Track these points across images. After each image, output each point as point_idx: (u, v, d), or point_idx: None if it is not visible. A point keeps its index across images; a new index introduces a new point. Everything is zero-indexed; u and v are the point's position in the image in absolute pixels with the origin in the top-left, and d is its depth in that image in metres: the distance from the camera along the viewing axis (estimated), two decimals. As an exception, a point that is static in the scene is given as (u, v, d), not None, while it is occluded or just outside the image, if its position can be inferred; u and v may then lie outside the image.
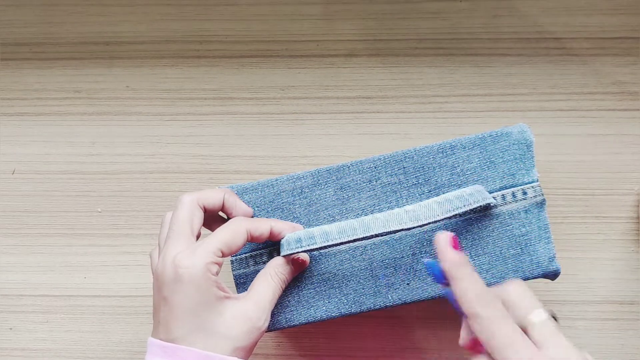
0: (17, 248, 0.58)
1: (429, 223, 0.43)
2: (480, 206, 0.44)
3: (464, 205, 0.44)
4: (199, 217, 0.44)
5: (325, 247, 0.43)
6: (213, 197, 0.44)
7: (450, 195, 0.45)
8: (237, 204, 0.46)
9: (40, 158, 0.58)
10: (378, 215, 0.44)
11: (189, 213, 0.43)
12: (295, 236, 0.44)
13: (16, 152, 0.58)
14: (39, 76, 0.59)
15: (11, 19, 0.59)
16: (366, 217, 0.44)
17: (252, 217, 0.47)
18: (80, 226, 0.57)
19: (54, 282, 0.57)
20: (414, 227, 0.43)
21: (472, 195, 0.44)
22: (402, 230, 0.43)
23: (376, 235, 0.43)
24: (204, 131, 0.57)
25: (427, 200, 0.44)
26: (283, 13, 0.57)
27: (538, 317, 0.35)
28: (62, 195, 0.58)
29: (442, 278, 0.37)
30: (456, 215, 0.44)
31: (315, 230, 0.44)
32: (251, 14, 0.58)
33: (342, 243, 0.43)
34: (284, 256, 0.45)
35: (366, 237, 0.43)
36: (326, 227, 0.44)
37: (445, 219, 0.43)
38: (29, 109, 0.59)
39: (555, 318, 0.35)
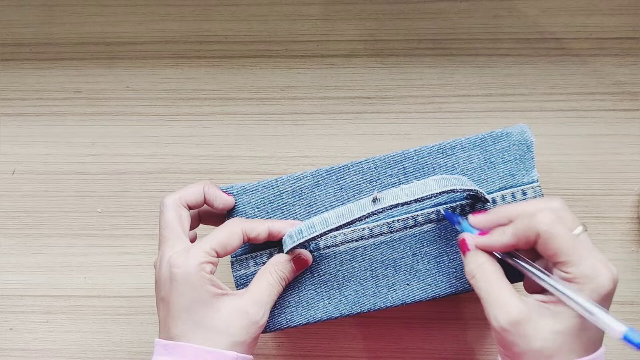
0: (18, 248, 0.58)
1: (425, 197, 0.42)
2: (477, 193, 0.43)
3: (462, 184, 0.43)
4: (186, 215, 0.45)
5: (326, 233, 0.43)
6: (194, 192, 0.45)
7: (448, 175, 0.44)
8: (217, 195, 0.46)
9: (40, 158, 0.58)
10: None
11: (175, 214, 0.44)
12: (296, 229, 0.44)
13: (16, 152, 0.58)
14: (39, 76, 0.59)
15: (11, 19, 0.59)
16: (363, 199, 0.43)
17: (234, 206, 0.47)
18: (80, 226, 0.57)
19: (54, 283, 0.57)
20: (410, 202, 0.41)
21: (470, 182, 0.44)
22: (399, 205, 0.41)
23: (373, 213, 0.42)
24: (204, 131, 0.57)
25: (424, 180, 0.43)
26: (283, 13, 0.57)
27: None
28: (62, 196, 0.58)
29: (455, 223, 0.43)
30: (453, 190, 0.42)
31: (315, 219, 0.44)
32: (251, 14, 0.58)
33: (341, 226, 0.42)
34: (287, 252, 0.45)
35: (364, 215, 0.42)
36: (325, 215, 0.43)
37: (441, 192, 0.42)
38: (29, 109, 0.59)
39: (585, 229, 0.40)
